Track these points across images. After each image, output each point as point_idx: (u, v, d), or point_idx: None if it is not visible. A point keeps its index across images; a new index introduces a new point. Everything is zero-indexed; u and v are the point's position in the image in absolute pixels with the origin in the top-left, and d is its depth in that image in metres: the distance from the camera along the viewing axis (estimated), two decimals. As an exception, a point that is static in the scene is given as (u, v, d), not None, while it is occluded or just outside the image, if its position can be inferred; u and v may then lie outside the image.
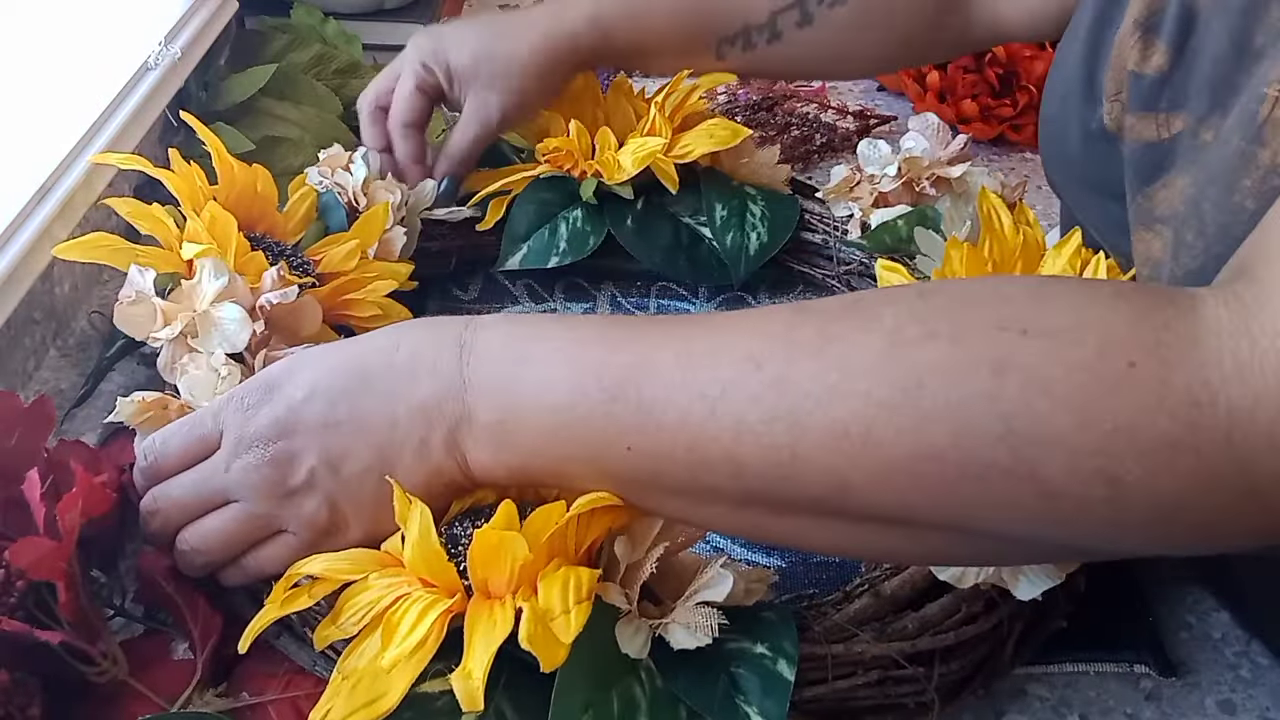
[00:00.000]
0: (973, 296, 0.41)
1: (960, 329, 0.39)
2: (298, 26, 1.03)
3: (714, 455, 0.41)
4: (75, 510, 0.50)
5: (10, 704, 0.47)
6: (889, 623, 0.52)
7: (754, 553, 0.62)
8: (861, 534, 0.43)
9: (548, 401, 0.44)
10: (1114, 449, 0.35)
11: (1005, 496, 0.38)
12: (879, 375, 0.39)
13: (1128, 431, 0.35)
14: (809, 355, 0.40)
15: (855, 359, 0.39)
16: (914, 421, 0.38)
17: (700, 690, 0.47)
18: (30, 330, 0.73)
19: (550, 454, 0.45)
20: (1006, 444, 0.37)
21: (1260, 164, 0.42)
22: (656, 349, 0.43)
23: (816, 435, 0.39)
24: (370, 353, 0.48)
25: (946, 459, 0.38)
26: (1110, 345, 0.36)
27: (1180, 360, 0.35)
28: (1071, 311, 0.38)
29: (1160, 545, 0.40)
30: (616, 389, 0.43)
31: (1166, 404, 0.35)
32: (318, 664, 0.53)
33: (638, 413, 0.42)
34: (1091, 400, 0.36)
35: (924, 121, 0.80)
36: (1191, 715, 0.54)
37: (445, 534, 0.51)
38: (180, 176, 0.65)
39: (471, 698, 0.43)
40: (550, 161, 0.80)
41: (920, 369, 0.38)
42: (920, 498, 0.39)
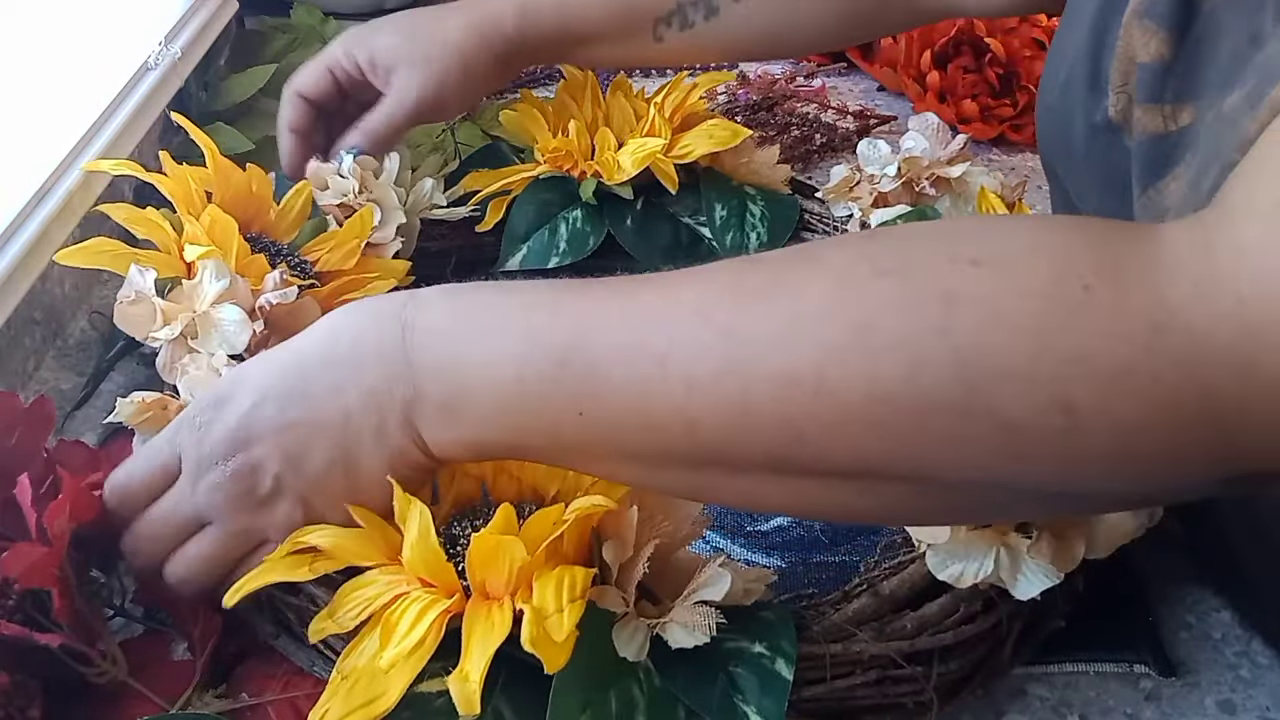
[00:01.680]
0: (922, 232, 0.40)
1: (909, 264, 0.37)
2: (298, 26, 1.03)
3: (666, 414, 0.40)
4: (63, 516, 0.50)
5: (10, 705, 0.47)
6: (888, 622, 0.52)
7: (753, 552, 0.62)
8: (820, 491, 0.41)
9: (494, 375, 0.43)
10: (1070, 376, 0.34)
11: (962, 434, 0.36)
12: (828, 318, 0.37)
13: (1084, 358, 0.34)
14: (757, 302, 0.39)
15: (803, 303, 0.38)
16: (865, 363, 0.36)
17: (699, 690, 0.47)
18: (30, 331, 0.73)
19: (504, 427, 0.44)
20: (960, 379, 0.35)
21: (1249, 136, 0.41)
22: (601, 308, 0.42)
23: (768, 386, 0.38)
24: (312, 348, 0.47)
25: (900, 400, 0.36)
26: (1064, 270, 0.35)
27: (1138, 282, 0.34)
28: (1024, 239, 0.37)
29: (1122, 480, 0.38)
30: (562, 353, 0.41)
31: (1123, 327, 0.34)
32: (316, 664, 0.53)
33: (586, 376, 0.41)
34: (1046, 327, 0.34)
35: (924, 121, 0.80)
36: (1191, 715, 0.54)
37: (444, 535, 0.51)
38: (174, 180, 0.65)
39: (468, 701, 0.43)
40: (550, 162, 0.80)
41: (869, 307, 0.37)
42: (875, 444, 0.38)
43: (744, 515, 0.64)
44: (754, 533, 0.63)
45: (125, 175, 0.74)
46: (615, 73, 1.07)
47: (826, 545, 0.62)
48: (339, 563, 0.48)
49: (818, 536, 0.63)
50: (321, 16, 1.04)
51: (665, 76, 1.09)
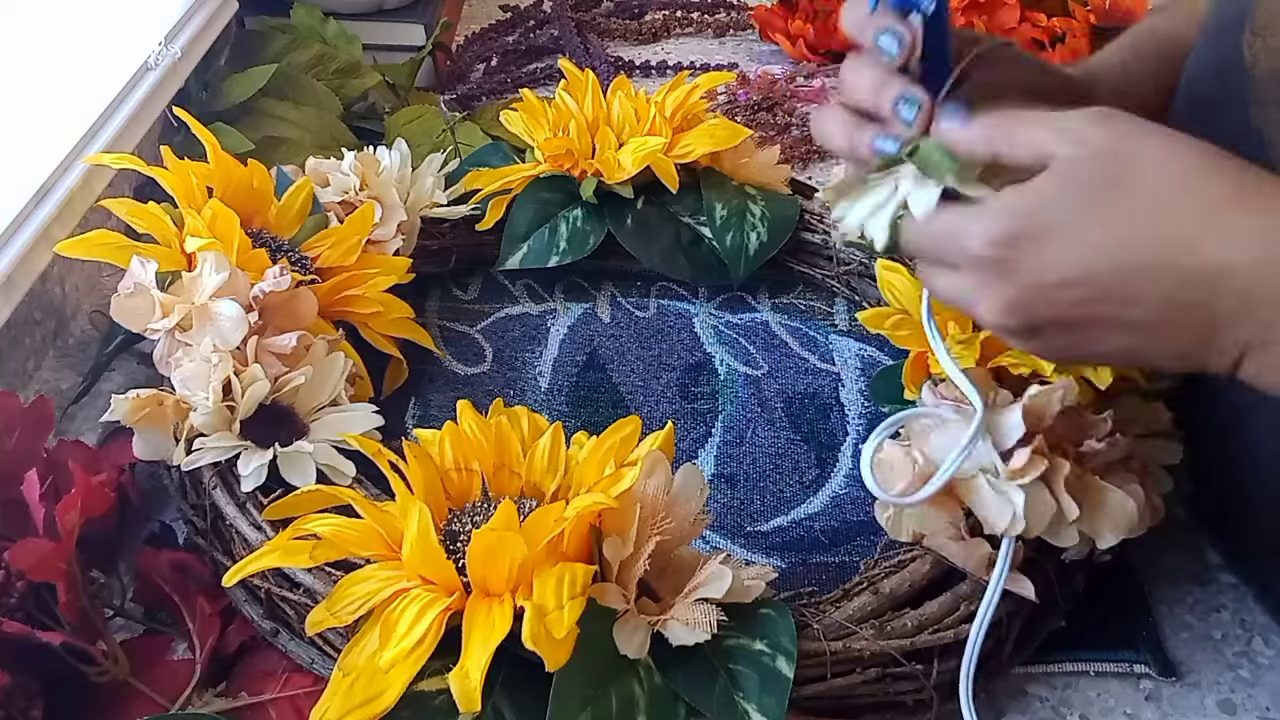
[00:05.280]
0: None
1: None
2: (298, 26, 1.03)
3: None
4: (74, 511, 0.50)
5: (11, 705, 0.47)
6: (888, 620, 0.52)
7: (753, 552, 0.62)
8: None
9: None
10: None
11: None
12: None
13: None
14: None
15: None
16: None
17: (699, 687, 0.47)
18: (30, 330, 0.73)
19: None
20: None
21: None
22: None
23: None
24: (1154, 259, 0.42)
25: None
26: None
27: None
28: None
29: None
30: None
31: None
32: (315, 661, 0.53)
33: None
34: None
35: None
36: (1191, 715, 0.54)
37: (444, 532, 0.51)
38: (175, 174, 0.65)
39: (468, 698, 0.43)
40: (550, 161, 0.80)
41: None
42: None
43: (744, 515, 0.64)
44: (754, 533, 0.63)
45: (126, 175, 0.74)
46: (615, 73, 1.07)
47: (826, 545, 0.62)
48: (339, 552, 0.49)
49: (817, 537, 0.63)
50: (321, 16, 1.04)
51: (665, 76, 1.09)
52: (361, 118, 0.99)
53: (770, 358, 0.75)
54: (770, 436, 0.69)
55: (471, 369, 0.74)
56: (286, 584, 0.53)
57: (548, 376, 0.74)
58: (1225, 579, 0.61)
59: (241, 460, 0.56)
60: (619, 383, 0.73)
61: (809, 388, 0.73)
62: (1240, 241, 0.41)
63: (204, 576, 0.57)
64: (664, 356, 0.75)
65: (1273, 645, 0.58)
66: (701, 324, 0.78)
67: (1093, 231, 0.42)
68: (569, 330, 0.78)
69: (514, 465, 0.55)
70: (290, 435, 0.58)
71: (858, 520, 0.64)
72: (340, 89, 0.97)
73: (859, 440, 0.69)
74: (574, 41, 1.14)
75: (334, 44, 1.02)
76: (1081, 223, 0.42)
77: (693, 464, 0.52)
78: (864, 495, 0.65)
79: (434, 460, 0.54)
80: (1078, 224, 0.42)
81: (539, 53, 1.14)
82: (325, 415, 0.60)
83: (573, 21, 1.18)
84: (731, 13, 1.22)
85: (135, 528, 0.61)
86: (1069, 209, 0.43)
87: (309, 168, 0.76)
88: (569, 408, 0.71)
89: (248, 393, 0.57)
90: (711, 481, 0.66)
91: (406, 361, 0.71)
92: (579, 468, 0.54)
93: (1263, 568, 0.59)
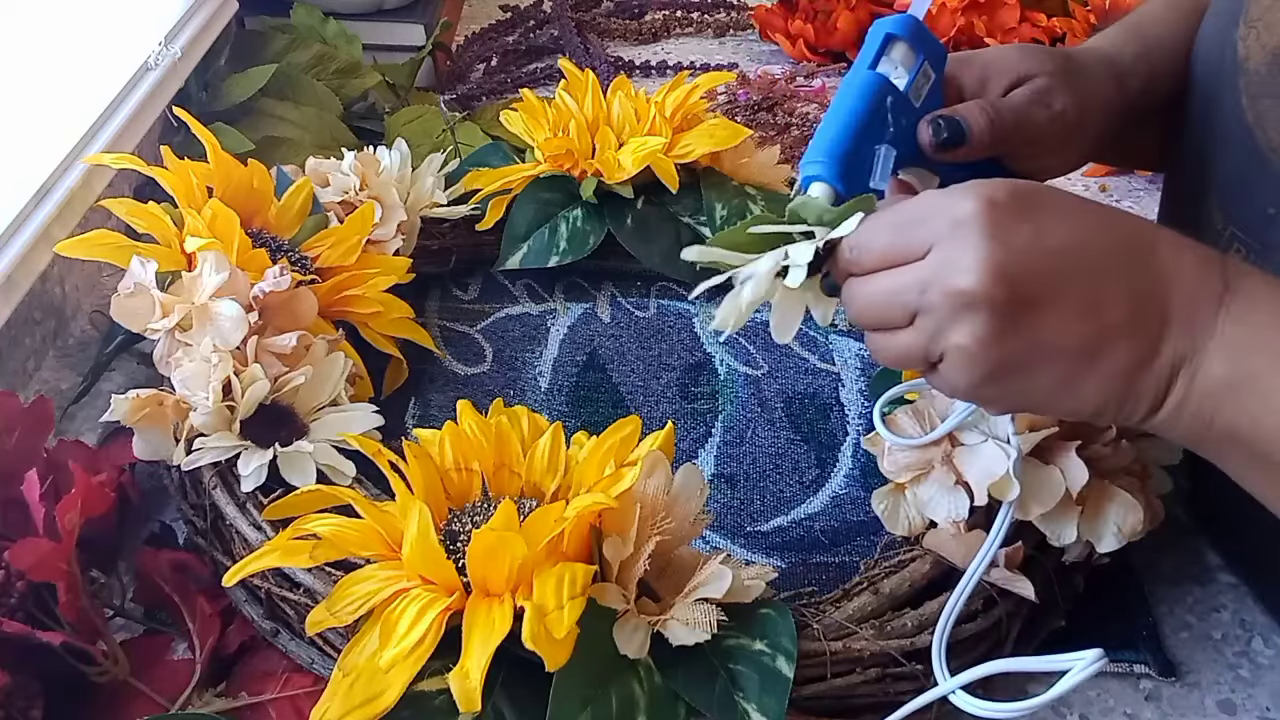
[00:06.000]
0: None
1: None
2: (298, 26, 1.03)
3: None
4: (75, 511, 0.50)
5: (11, 705, 0.47)
6: (888, 620, 0.52)
7: (753, 553, 0.62)
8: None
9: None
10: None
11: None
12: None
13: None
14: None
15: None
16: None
17: (699, 687, 0.47)
18: (30, 330, 0.73)
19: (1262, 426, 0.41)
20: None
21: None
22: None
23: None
24: (1127, 244, 0.43)
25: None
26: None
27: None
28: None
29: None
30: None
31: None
32: (315, 661, 0.53)
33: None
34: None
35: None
36: (1191, 715, 0.54)
37: (444, 532, 0.51)
38: (175, 174, 0.65)
39: (468, 698, 0.43)
40: (550, 161, 0.80)
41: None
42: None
43: (744, 515, 0.64)
44: (754, 533, 0.63)
45: (126, 175, 0.74)
46: (615, 73, 1.07)
47: (826, 545, 0.62)
48: (339, 552, 0.49)
49: (817, 537, 0.63)
50: (321, 16, 1.04)
51: (665, 76, 1.09)
52: (361, 118, 0.99)
53: (770, 358, 0.75)
54: (770, 436, 0.69)
55: (471, 369, 0.74)
56: (286, 584, 0.53)
57: (548, 376, 0.74)
58: (1225, 579, 0.61)
59: (241, 460, 0.56)
60: (619, 383, 0.73)
61: (809, 388, 0.73)
62: (1185, 251, 0.42)
63: (204, 576, 0.57)
64: (664, 356, 0.75)
65: (1273, 645, 0.58)
66: (701, 324, 0.78)
67: (1083, 211, 0.43)
68: (569, 330, 0.78)
69: (514, 465, 0.55)
70: (290, 435, 0.58)
71: (858, 520, 0.64)
72: (340, 89, 0.97)
73: (859, 440, 0.69)
74: (574, 41, 1.14)
75: (334, 44, 1.02)
76: (1071, 202, 0.43)
77: (693, 464, 0.52)
78: (864, 495, 0.65)
79: (434, 460, 0.54)
80: (1068, 203, 0.43)
81: (539, 53, 1.14)
82: (325, 415, 0.60)
83: (573, 21, 1.18)
84: (731, 13, 1.22)
85: (135, 528, 0.61)
86: (1059, 194, 0.43)
87: (309, 168, 0.76)
88: (569, 408, 0.71)
89: (248, 393, 0.57)
90: (711, 481, 0.66)
91: (406, 361, 0.71)
92: (579, 468, 0.54)
93: (1263, 568, 0.59)
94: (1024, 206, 0.42)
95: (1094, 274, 0.42)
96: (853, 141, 0.48)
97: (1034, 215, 0.42)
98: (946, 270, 0.42)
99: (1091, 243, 0.42)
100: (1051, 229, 0.42)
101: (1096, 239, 0.42)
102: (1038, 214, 0.42)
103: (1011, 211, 0.42)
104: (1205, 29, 0.56)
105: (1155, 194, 0.80)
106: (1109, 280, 0.42)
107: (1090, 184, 0.93)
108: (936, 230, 0.42)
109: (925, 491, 0.55)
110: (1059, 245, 0.41)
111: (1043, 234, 0.42)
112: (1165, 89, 0.59)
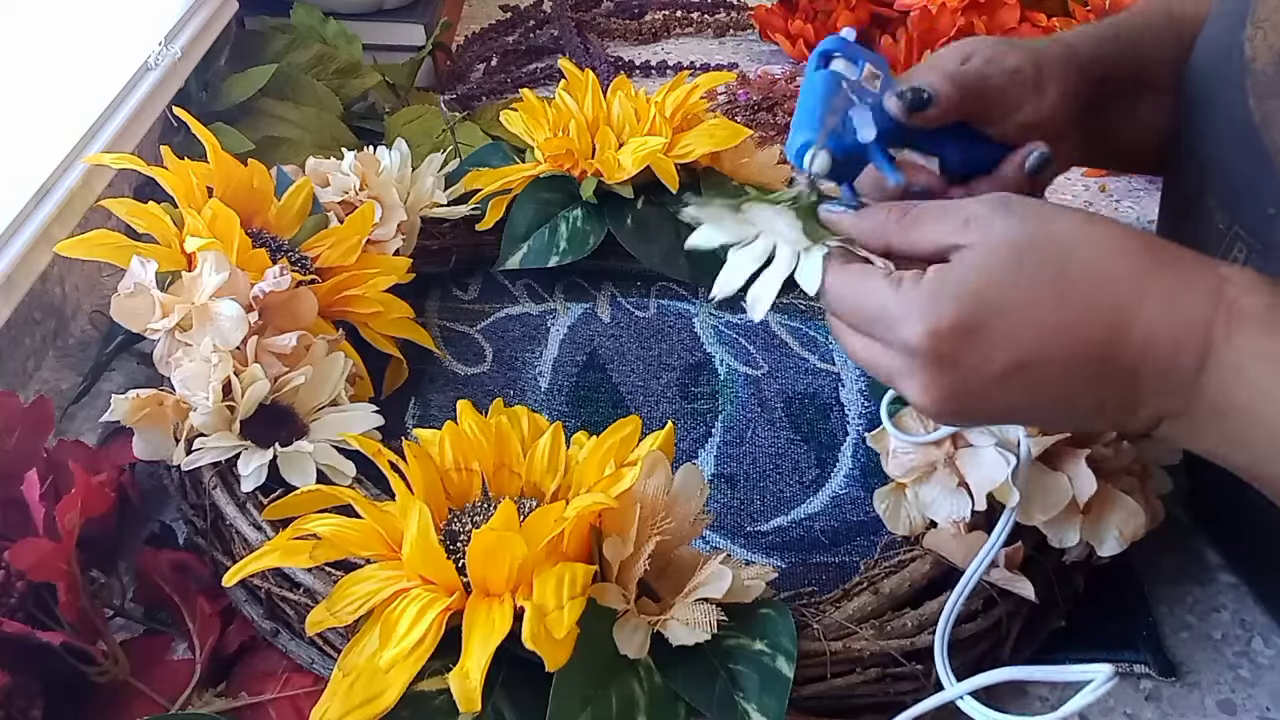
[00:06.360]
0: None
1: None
2: (298, 26, 1.03)
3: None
4: (75, 511, 0.50)
5: (11, 705, 0.47)
6: (888, 620, 0.52)
7: (753, 552, 0.62)
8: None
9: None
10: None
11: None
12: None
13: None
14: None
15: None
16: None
17: (699, 687, 0.47)
18: (30, 330, 0.73)
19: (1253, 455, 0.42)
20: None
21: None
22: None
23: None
24: (1097, 342, 0.42)
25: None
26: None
27: None
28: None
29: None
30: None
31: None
32: (315, 661, 0.53)
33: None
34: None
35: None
36: (1191, 715, 0.54)
37: (444, 532, 0.51)
38: (175, 174, 0.65)
39: (468, 698, 0.43)
40: (550, 161, 0.80)
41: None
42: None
43: (744, 515, 0.64)
44: (754, 533, 0.63)
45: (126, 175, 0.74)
46: (615, 73, 1.07)
47: (826, 546, 0.62)
48: (339, 552, 0.48)
49: (817, 537, 0.63)
50: (321, 16, 1.04)
51: (665, 76, 1.09)
52: (361, 118, 0.99)
53: (770, 358, 0.75)
54: (770, 436, 0.69)
55: (471, 369, 0.74)
56: (286, 584, 0.53)
57: (548, 376, 0.74)
58: (1225, 579, 0.61)
59: (241, 460, 0.56)
60: (619, 383, 0.73)
61: (809, 388, 0.73)
62: (1163, 315, 0.41)
63: (204, 576, 0.57)
64: (664, 356, 0.75)
65: (1273, 645, 0.57)
66: (701, 324, 0.78)
67: (1041, 315, 0.41)
68: (569, 330, 0.78)
69: (514, 465, 0.55)
70: (290, 435, 0.58)
71: (858, 520, 0.64)
72: (340, 89, 0.97)
73: (859, 440, 0.69)
74: (574, 41, 1.14)
75: (334, 44, 1.02)
76: (1026, 310, 0.41)
77: (693, 464, 0.52)
78: (864, 495, 0.65)
79: (434, 460, 0.54)
80: (1023, 311, 0.41)
81: (539, 53, 1.14)
82: (325, 415, 0.60)
83: (573, 21, 1.18)
84: (731, 13, 1.22)
85: (135, 528, 0.61)
86: (1010, 296, 0.41)
87: (309, 168, 0.76)
88: (569, 408, 0.71)
89: (248, 393, 0.57)
90: (711, 481, 0.66)
91: (406, 361, 0.71)
92: (579, 468, 0.54)
93: (1263, 568, 0.59)
94: (971, 330, 0.41)
95: (1049, 384, 0.42)
96: (826, 110, 0.48)
97: (980, 338, 0.41)
98: (900, 381, 0.43)
99: (1050, 355, 0.41)
100: (996, 351, 0.41)
101: (1058, 349, 0.41)
102: (984, 336, 0.41)
103: (956, 339, 0.41)
104: (1209, 30, 0.56)
105: (1155, 194, 0.80)
106: (1067, 384, 0.42)
107: (1090, 184, 0.93)
108: (890, 340, 0.43)
109: (927, 492, 0.55)
110: (1003, 367, 0.41)
111: (987, 359, 0.41)
112: (1130, 72, 0.58)
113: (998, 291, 0.41)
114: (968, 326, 0.41)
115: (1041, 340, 0.41)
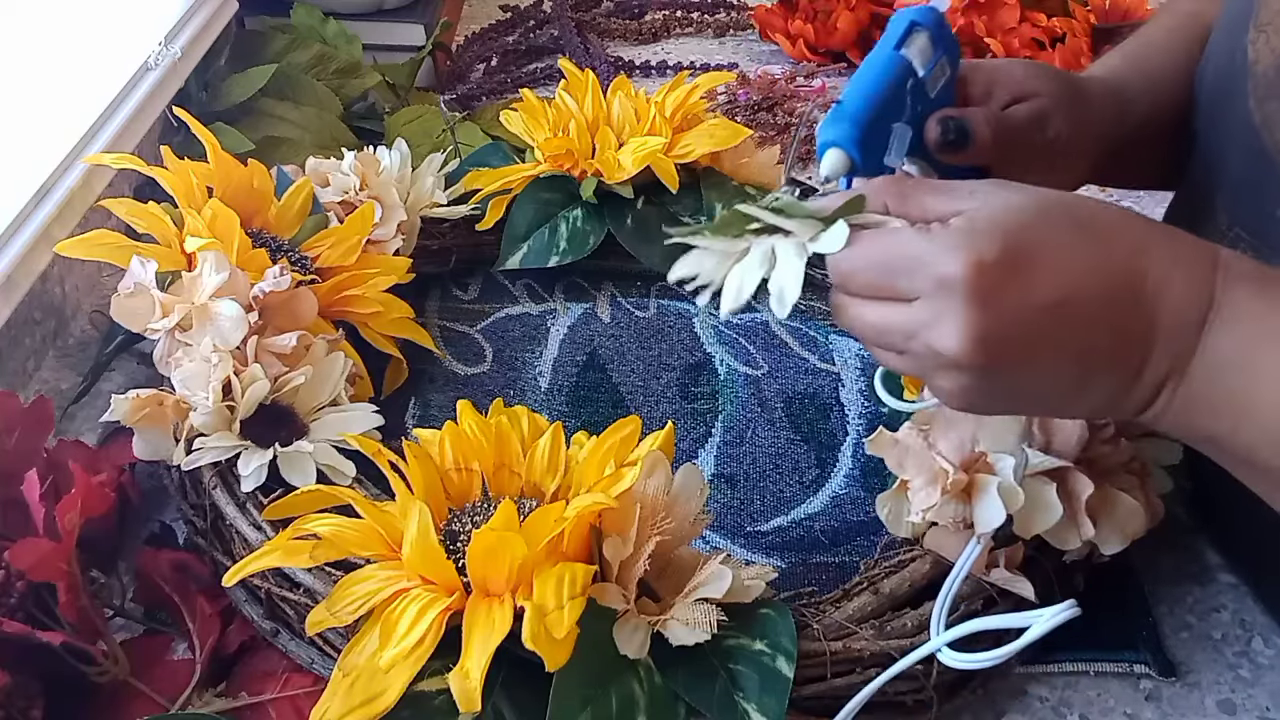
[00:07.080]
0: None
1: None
2: (298, 26, 1.03)
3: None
4: (75, 511, 0.50)
5: (11, 705, 0.47)
6: (888, 620, 0.52)
7: (753, 553, 0.62)
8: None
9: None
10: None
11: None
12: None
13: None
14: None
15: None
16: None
17: (699, 687, 0.47)
18: (30, 330, 0.73)
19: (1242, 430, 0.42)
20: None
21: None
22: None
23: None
24: (1125, 285, 0.42)
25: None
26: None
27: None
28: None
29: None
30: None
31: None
32: (315, 661, 0.53)
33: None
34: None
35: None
36: (1191, 715, 0.54)
37: (444, 532, 0.51)
38: (175, 174, 0.65)
39: (468, 698, 0.43)
40: (550, 161, 0.80)
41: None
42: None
43: (744, 515, 0.64)
44: (754, 533, 0.63)
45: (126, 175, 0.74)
46: (615, 73, 1.07)
47: (826, 545, 0.62)
48: (339, 552, 0.49)
49: (817, 537, 0.63)
50: (321, 16, 1.04)
51: (665, 76, 1.09)
52: (361, 118, 0.99)
53: (770, 358, 0.75)
54: (770, 436, 0.69)
55: (471, 369, 0.74)
56: (286, 584, 0.53)
57: (548, 376, 0.74)
58: (1225, 579, 0.61)
59: (241, 460, 0.56)
60: (619, 383, 0.73)
61: (809, 388, 0.73)
62: (1175, 270, 0.42)
63: (204, 576, 0.57)
64: (664, 356, 0.75)
65: (1273, 645, 0.58)
66: (701, 324, 0.78)
67: (1078, 253, 0.41)
68: (569, 330, 0.78)
69: (514, 465, 0.55)
70: (290, 435, 0.58)
71: (858, 520, 0.64)
72: (340, 89, 0.97)
73: (859, 440, 0.69)
74: (574, 41, 1.14)
75: (334, 44, 1.02)
76: (1062, 250, 0.41)
77: (693, 464, 0.52)
78: (864, 495, 0.65)
79: (434, 460, 0.54)
80: (1059, 250, 0.41)
81: (539, 53, 1.14)
82: (325, 415, 0.60)
83: (573, 21, 1.18)
84: (731, 13, 1.22)
85: (135, 528, 0.61)
86: (1046, 236, 0.41)
87: (309, 168, 0.76)
88: (569, 408, 0.71)
89: (248, 393, 0.57)
90: (711, 481, 0.66)
91: (406, 361, 0.71)
92: (579, 468, 0.54)
93: (1263, 568, 0.59)
94: (1014, 263, 0.41)
95: (1081, 325, 0.41)
96: (874, 113, 0.47)
97: (1023, 272, 0.41)
98: (929, 330, 0.41)
99: (1081, 291, 0.41)
100: (1040, 285, 0.41)
101: (1087, 286, 0.41)
102: (1027, 271, 0.41)
103: (1000, 272, 0.40)
104: (1218, 34, 0.57)
105: (1156, 194, 0.80)
106: (1096, 328, 0.41)
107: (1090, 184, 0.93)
108: (922, 285, 0.41)
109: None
110: (1046, 301, 0.41)
111: (1031, 292, 0.41)
112: (1166, 119, 0.59)
113: (1031, 233, 0.41)
114: (1012, 261, 0.40)
115: (1082, 276, 0.41)
